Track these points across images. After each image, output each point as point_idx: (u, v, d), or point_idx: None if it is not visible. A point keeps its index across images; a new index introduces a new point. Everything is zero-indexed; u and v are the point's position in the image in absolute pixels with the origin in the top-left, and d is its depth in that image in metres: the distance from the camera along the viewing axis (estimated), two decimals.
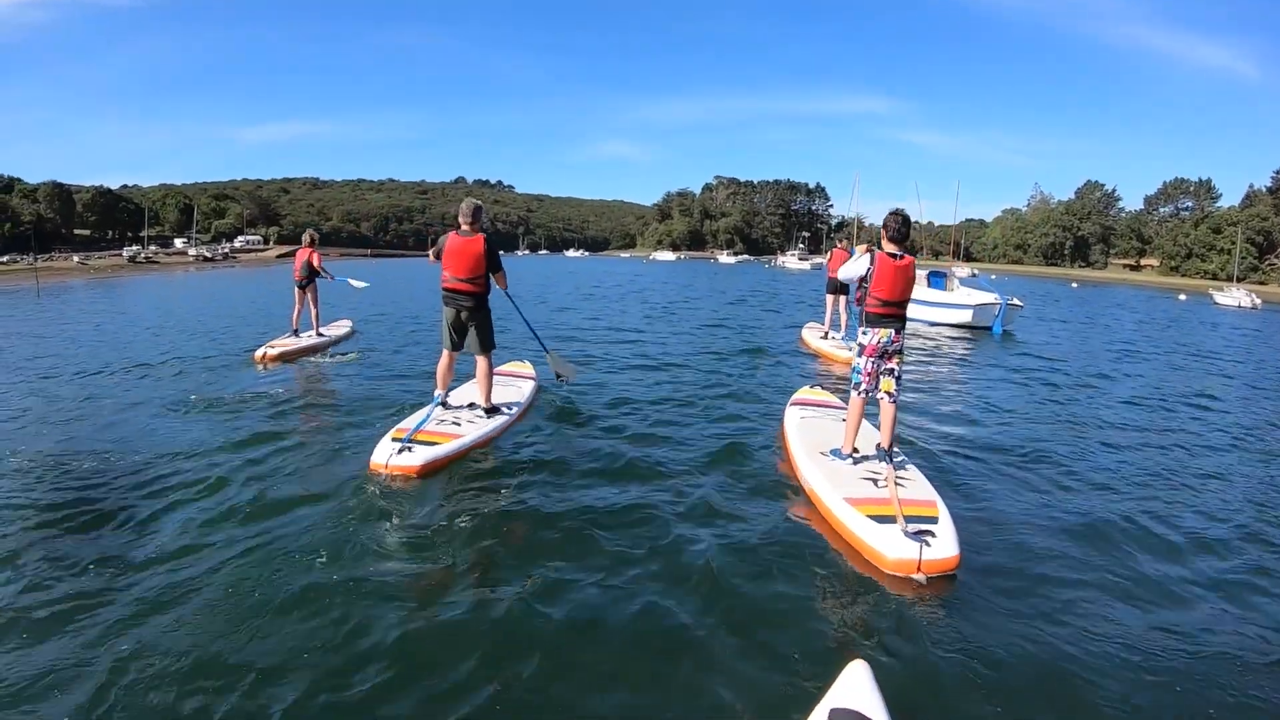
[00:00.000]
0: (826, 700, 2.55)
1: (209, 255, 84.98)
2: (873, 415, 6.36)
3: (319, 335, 12.98)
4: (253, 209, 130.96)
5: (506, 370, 9.16)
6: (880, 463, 5.65)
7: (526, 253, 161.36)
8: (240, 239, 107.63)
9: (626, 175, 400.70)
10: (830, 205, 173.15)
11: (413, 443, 6.07)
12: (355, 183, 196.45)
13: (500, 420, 7.13)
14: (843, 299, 13.58)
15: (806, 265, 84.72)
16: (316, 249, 12.93)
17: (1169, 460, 7.38)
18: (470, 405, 7.33)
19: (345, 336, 14.07)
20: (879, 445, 5.87)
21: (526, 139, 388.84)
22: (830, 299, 14.37)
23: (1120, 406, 10.01)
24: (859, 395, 5.88)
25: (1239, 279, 73.87)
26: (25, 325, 18.56)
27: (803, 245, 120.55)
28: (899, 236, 5.79)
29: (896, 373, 5.83)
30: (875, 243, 6.12)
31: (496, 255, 7.08)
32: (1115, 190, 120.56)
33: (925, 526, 4.56)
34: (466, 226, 6.97)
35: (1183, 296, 52.87)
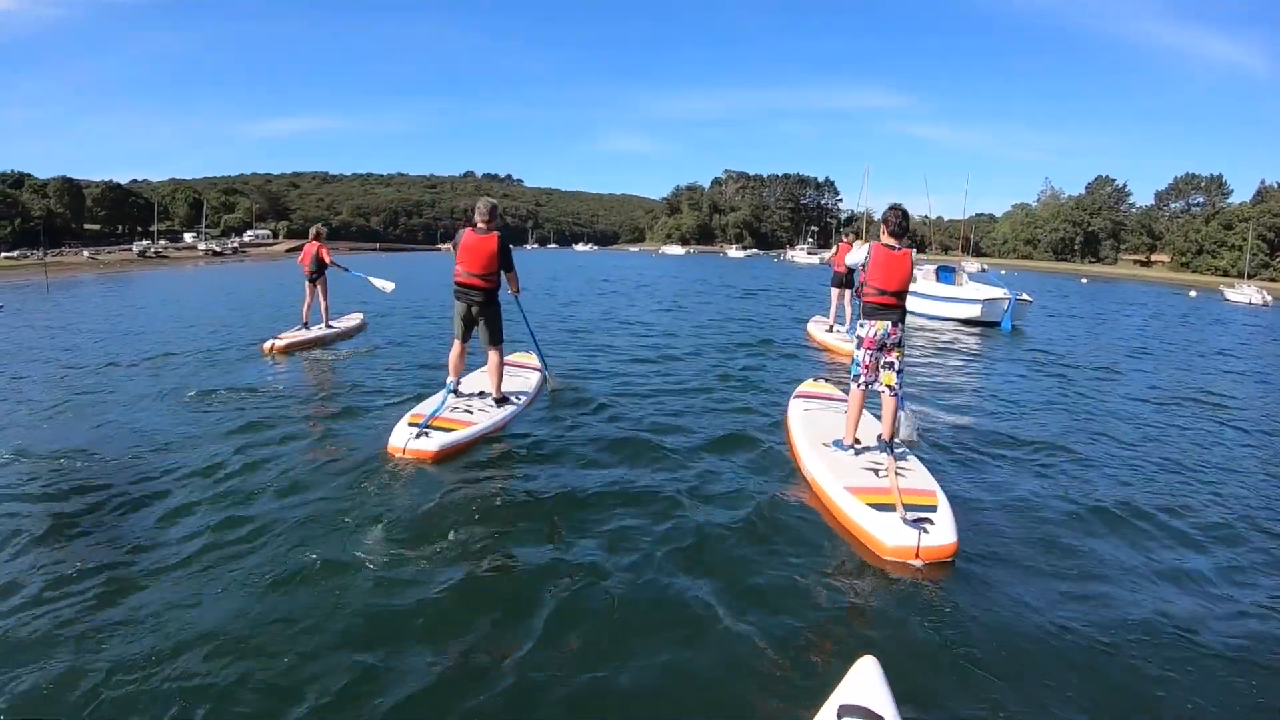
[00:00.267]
0: (836, 696, 2.55)
1: (218, 250, 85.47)
2: (875, 408, 6.44)
3: (329, 327, 13.12)
4: (262, 203, 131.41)
5: (513, 360, 9.33)
6: (881, 453, 5.75)
7: (535, 246, 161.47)
8: (249, 233, 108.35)
9: (635, 169, 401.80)
10: (839, 199, 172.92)
11: (429, 428, 6.29)
12: (364, 177, 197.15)
13: (510, 409, 7.35)
14: (848, 293, 13.62)
15: (815, 259, 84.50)
16: (324, 243, 13.05)
17: (1173, 453, 7.43)
18: (480, 394, 7.53)
19: (356, 329, 14.18)
20: (880, 436, 5.97)
21: (536, 133, 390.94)
22: (835, 293, 14.43)
23: (1127, 401, 10.03)
24: (858, 387, 5.96)
25: (1250, 275, 73.42)
26: (36, 319, 18.85)
27: (812, 239, 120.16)
28: (899, 231, 5.89)
29: (897, 366, 5.86)
30: (875, 236, 6.18)
31: (509, 254, 7.26)
32: (1126, 185, 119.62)
33: (924, 515, 4.66)
34: (483, 224, 7.15)
35: (1193, 293, 52.58)
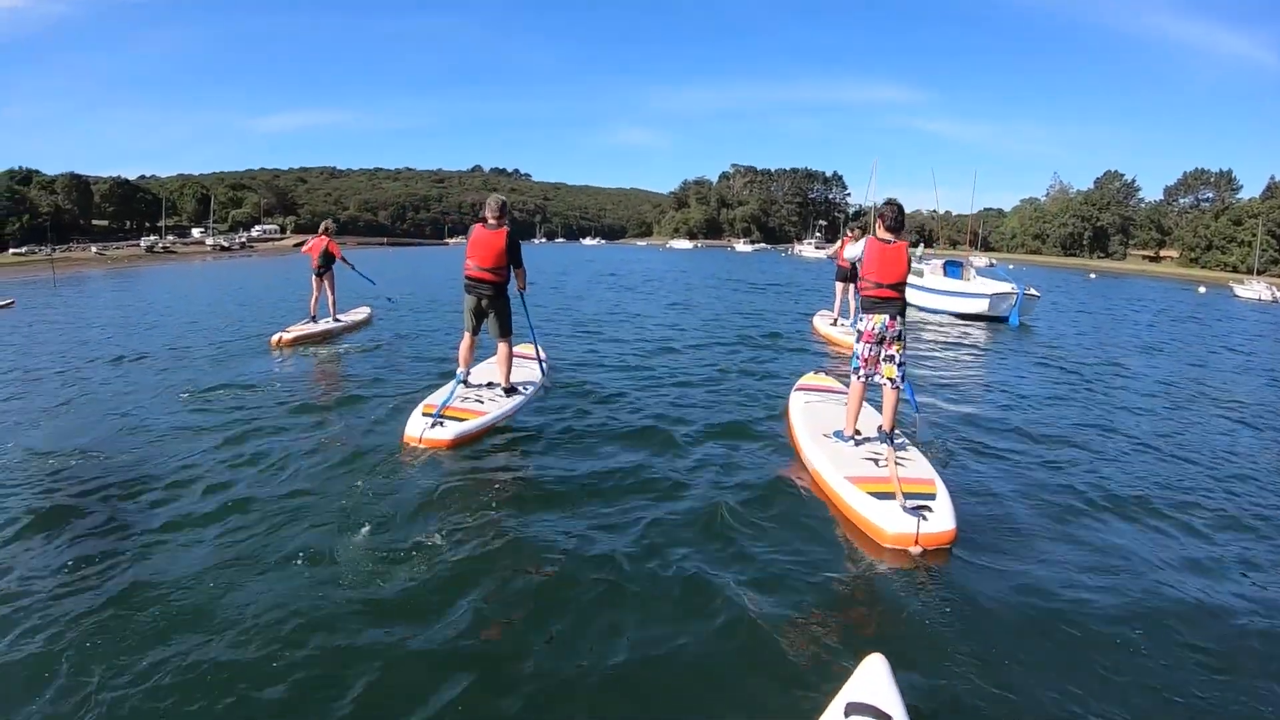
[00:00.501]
0: (844, 693, 2.57)
1: (226, 245, 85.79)
2: (877, 401, 6.54)
3: (336, 321, 13.33)
4: (270, 198, 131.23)
5: (519, 352, 9.40)
6: (881, 444, 5.84)
7: (543, 241, 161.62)
8: (257, 228, 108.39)
9: (643, 163, 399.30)
10: (848, 194, 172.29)
11: (443, 418, 6.52)
12: (372, 171, 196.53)
13: (519, 398, 7.56)
14: (851, 287, 13.67)
15: (823, 254, 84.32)
16: (333, 238, 13.22)
17: (1179, 446, 7.50)
18: (489, 384, 7.70)
19: (362, 323, 14.38)
20: (880, 428, 6.06)
21: (543, 127, 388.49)
22: (839, 287, 14.52)
23: (1133, 396, 10.07)
24: (858, 379, 6.04)
25: (1259, 272, 73.00)
26: (47, 314, 19.10)
27: (820, 234, 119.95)
28: (895, 225, 5.96)
29: (898, 359, 5.91)
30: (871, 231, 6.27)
31: (518, 249, 7.43)
32: (1135, 180, 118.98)
33: (923, 503, 4.77)
34: (493, 220, 7.32)
35: (1202, 289, 52.31)
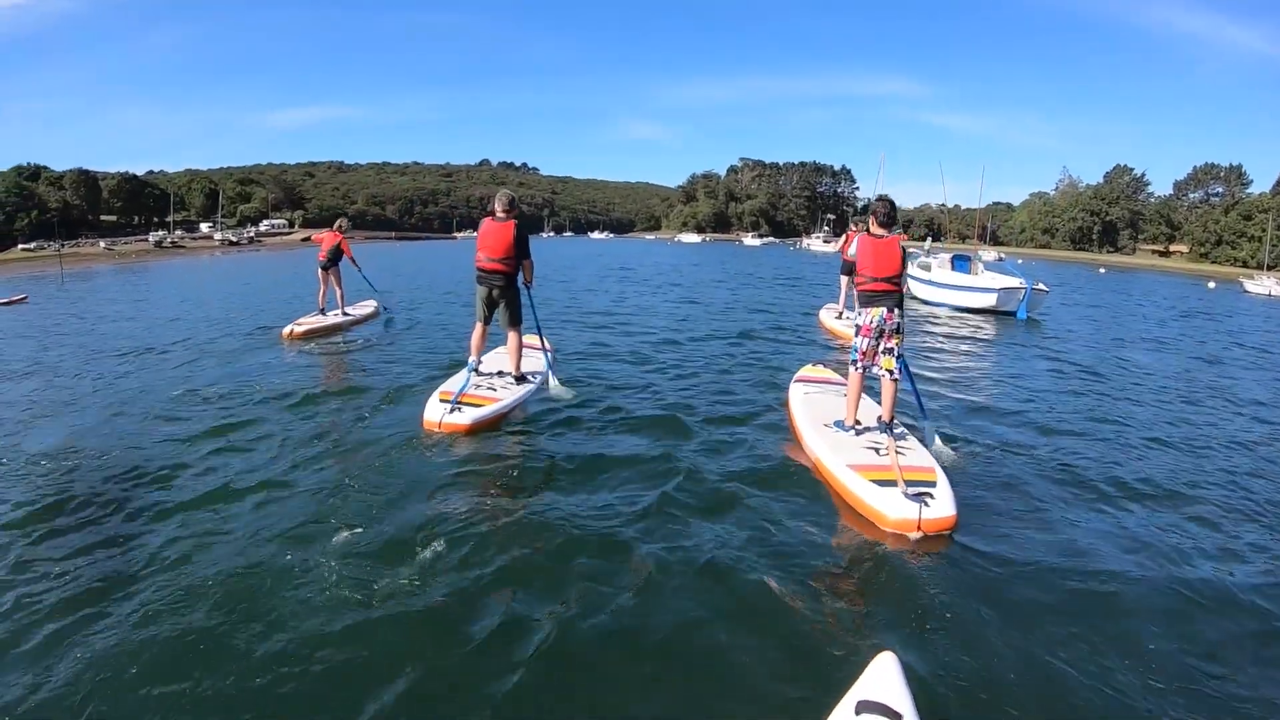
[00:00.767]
0: (854, 691, 2.58)
1: (234, 239, 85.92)
2: (877, 390, 6.65)
3: (345, 315, 13.50)
4: (278, 193, 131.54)
5: (527, 342, 9.61)
6: (881, 434, 5.97)
7: (551, 235, 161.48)
8: (265, 223, 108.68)
9: (651, 157, 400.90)
10: (856, 187, 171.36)
11: (460, 404, 6.80)
12: (380, 166, 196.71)
13: (530, 386, 7.82)
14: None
15: (831, 248, 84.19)
16: (346, 237, 13.47)
17: (1184, 438, 7.56)
18: (499, 373, 7.94)
19: (370, 316, 14.58)
20: (880, 418, 6.18)
21: (551, 121, 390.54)
22: (844, 280, 14.51)
23: (1139, 389, 10.09)
24: (856, 371, 6.18)
25: (1270, 267, 72.54)
26: (57, 309, 19.31)
27: (828, 228, 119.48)
28: (887, 221, 6.13)
29: (896, 352, 6.03)
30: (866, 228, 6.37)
31: (526, 241, 7.63)
32: (1144, 175, 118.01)
33: (924, 490, 4.91)
34: (502, 214, 7.54)
35: (1212, 284, 52.00)
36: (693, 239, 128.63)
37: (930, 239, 52.72)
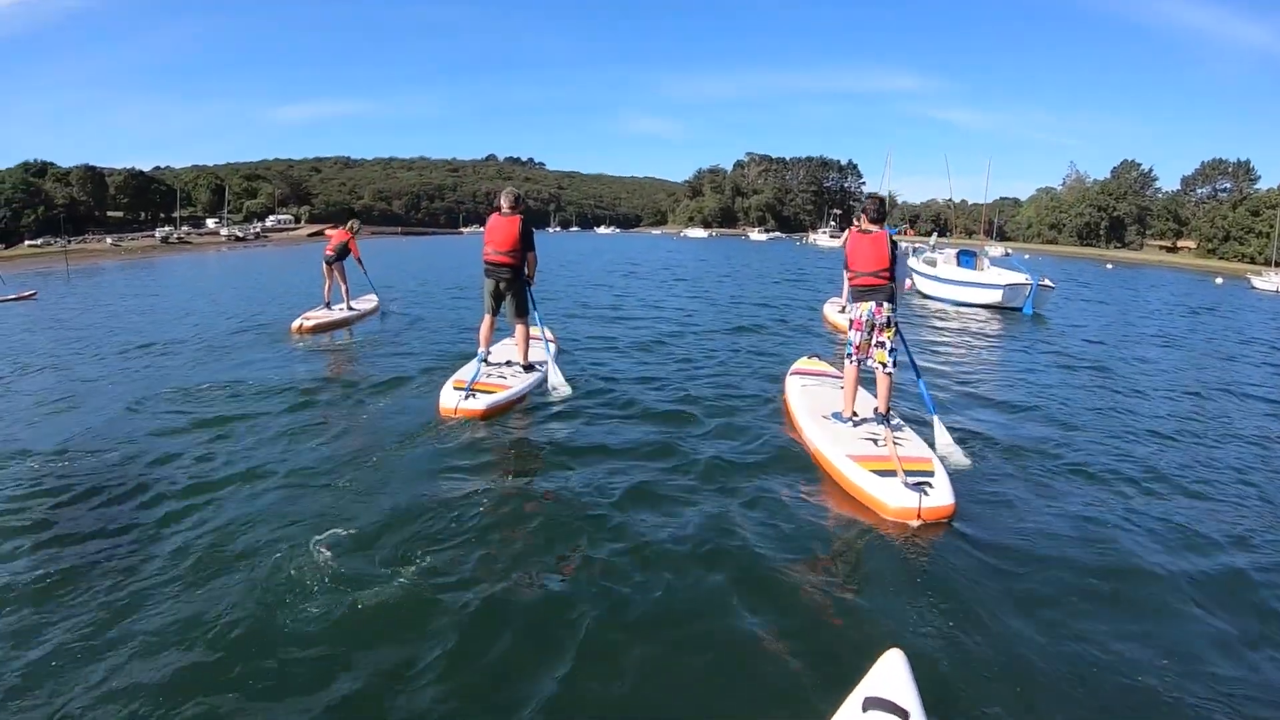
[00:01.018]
0: (861, 688, 2.56)
1: (241, 235, 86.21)
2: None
3: (350, 309, 13.82)
4: (284, 189, 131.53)
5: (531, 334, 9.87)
6: (878, 425, 6.12)
7: (558, 230, 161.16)
8: (272, 219, 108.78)
9: (658, 152, 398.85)
10: (863, 182, 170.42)
11: (473, 391, 7.10)
12: (386, 161, 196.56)
13: (537, 374, 8.11)
14: None
15: (838, 243, 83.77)
16: (355, 236, 13.82)
17: (1183, 432, 7.65)
18: (508, 363, 8.25)
19: (373, 310, 14.87)
20: (876, 410, 6.33)
21: (558, 116, 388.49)
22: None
23: (1145, 386, 10.06)
24: (851, 364, 6.37)
25: (1277, 263, 72.19)
26: (68, 304, 19.49)
27: (834, 223, 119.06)
28: (877, 217, 6.34)
29: (888, 345, 6.18)
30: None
31: (531, 235, 7.93)
32: (1152, 170, 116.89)
33: (923, 479, 5.04)
34: (508, 209, 7.86)
35: (1219, 280, 51.63)
36: (699, 234, 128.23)
37: (936, 234, 52.59)
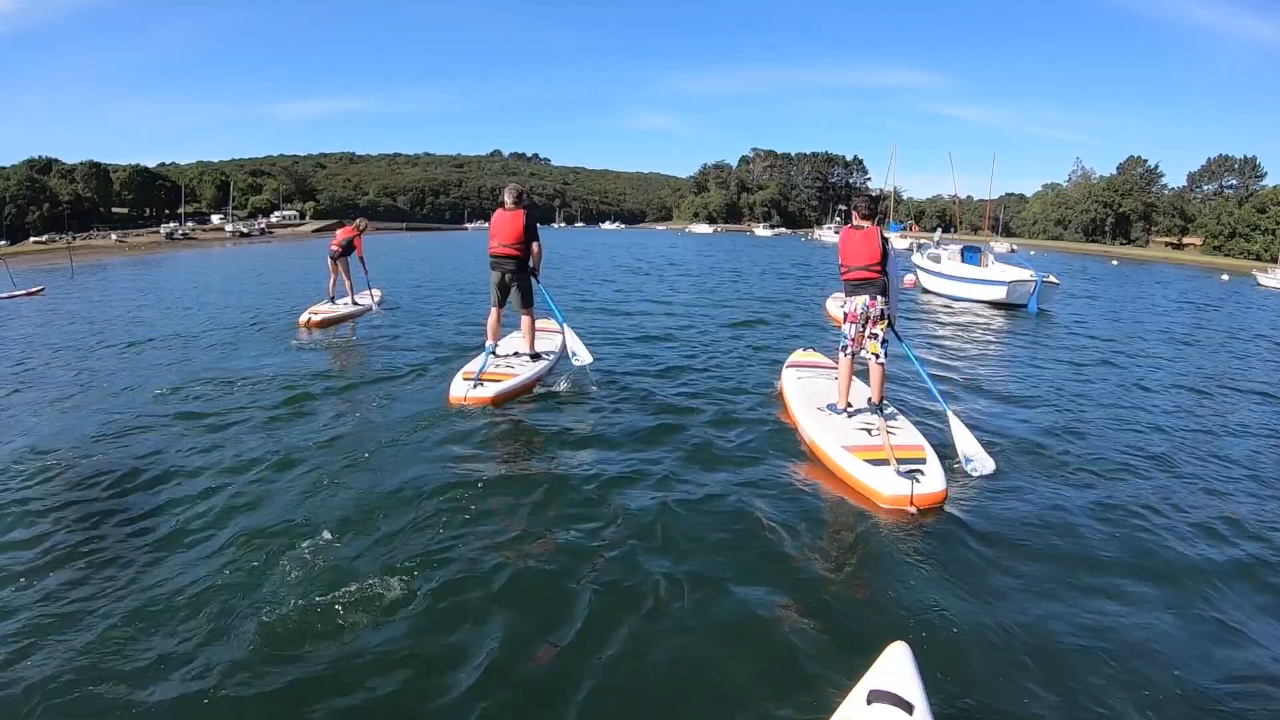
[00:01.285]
0: (866, 681, 2.58)
1: (245, 231, 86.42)
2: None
3: (355, 304, 14.08)
4: (289, 184, 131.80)
5: (538, 326, 9.89)
6: (872, 415, 6.31)
7: (563, 225, 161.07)
8: (276, 214, 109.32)
9: (663, 148, 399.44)
10: (868, 178, 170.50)
11: (481, 380, 7.34)
12: (391, 157, 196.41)
13: (544, 363, 8.37)
14: None
15: None
16: (361, 235, 14.05)
17: (1184, 426, 7.72)
18: (515, 354, 8.44)
19: (376, 305, 15.05)
20: (870, 400, 6.51)
21: (562, 112, 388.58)
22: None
23: (1148, 382, 10.02)
24: (845, 356, 6.54)
25: None
26: (77, 299, 19.61)
27: (839, 219, 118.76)
28: (868, 214, 6.56)
29: (881, 337, 6.36)
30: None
31: (534, 226, 8.15)
32: (1158, 166, 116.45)
33: (915, 467, 5.22)
34: (511, 204, 8.05)
35: (1225, 277, 51.26)
36: (704, 230, 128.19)
37: (940, 230, 52.42)
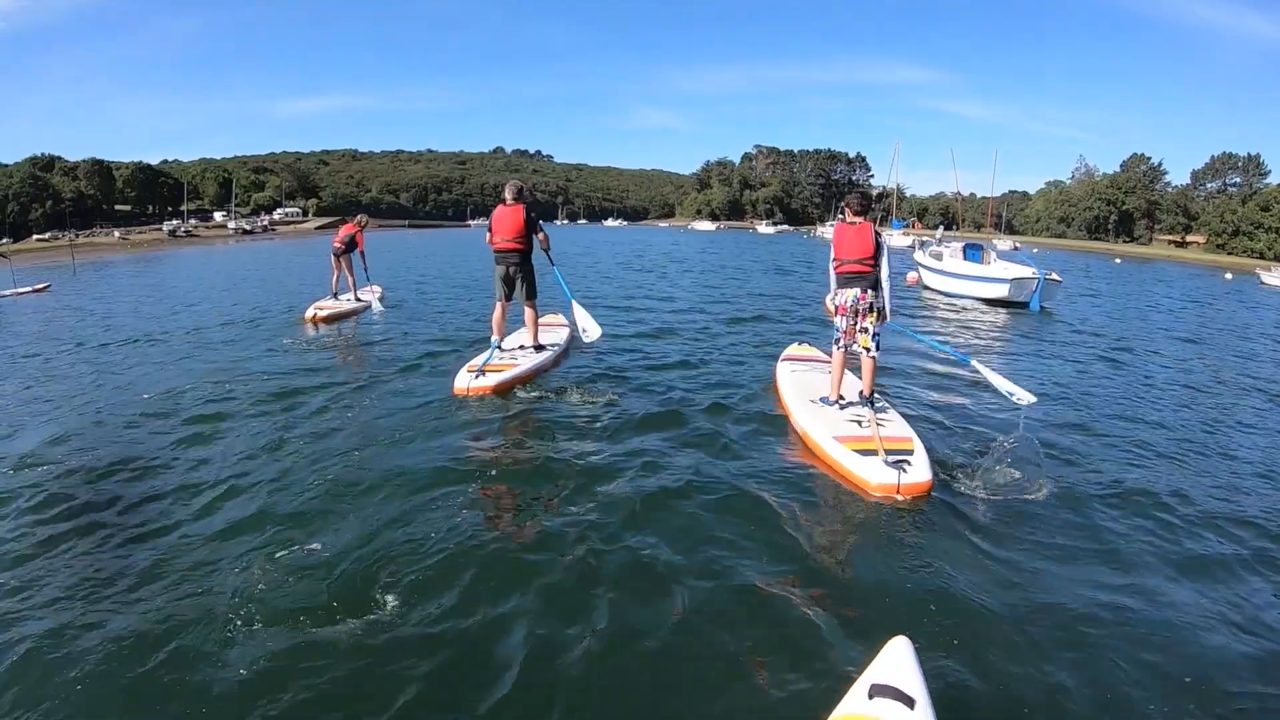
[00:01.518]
0: (867, 675, 2.57)
1: (248, 228, 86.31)
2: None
3: (358, 300, 14.19)
4: (291, 181, 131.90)
5: (544, 321, 10.21)
6: (863, 407, 6.43)
7: (566, 222, 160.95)
8: (279, 211, 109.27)
9: (666, 145, 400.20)
10: (871, 175, 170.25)
11: (484, 372, 7.57)
12: (394, 154, 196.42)
13: (548, 354, 8.60)
14: None
15: None
16: (363, 231, 14.15)
17: (1186, 423, 7.74)
18: (520, 347, 8.65)
19: (379, 301, 14.94)
20: (860, 392, 6.62)
21: (565, 109, 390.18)
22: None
23: (1150, 380, 9.99)
24: (838, 349, 6.67)
25: None
26: (84, 294, 19.69)
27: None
28: (861, 210, 6.79)
29: (871, 331, 6.47)
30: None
31: (535, 219, 8.39)
32: (1161, 164, 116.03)
33: (903, 458, 5.33)
34: (511, 199, 8.29)
35: (1229, 275, 51.19)
36: (706, 227, 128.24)
37: (943, 228, 52.33)
